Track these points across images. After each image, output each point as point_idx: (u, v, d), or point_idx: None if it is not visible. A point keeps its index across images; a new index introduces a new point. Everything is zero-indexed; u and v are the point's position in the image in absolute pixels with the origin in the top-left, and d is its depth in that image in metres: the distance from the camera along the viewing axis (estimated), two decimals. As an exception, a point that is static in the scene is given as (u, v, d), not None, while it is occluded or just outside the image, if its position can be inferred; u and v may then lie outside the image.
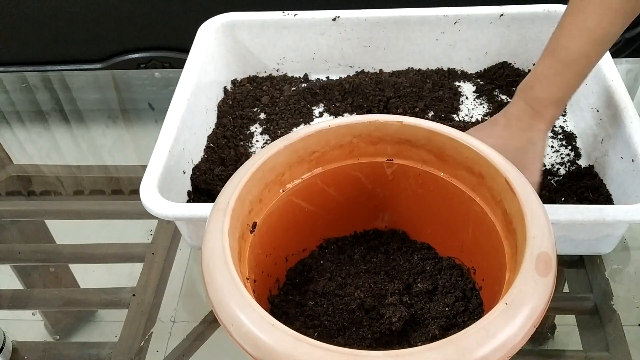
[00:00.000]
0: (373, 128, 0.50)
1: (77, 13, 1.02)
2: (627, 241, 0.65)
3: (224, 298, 0.39)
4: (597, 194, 0.64)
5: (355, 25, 0.80)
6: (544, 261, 0.39)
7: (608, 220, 0.54)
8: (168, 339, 0.59)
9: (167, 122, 0.65)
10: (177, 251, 0.67)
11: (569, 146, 0.71)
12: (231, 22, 0.80)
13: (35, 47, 1.07)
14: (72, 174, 0.80)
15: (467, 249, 0.53)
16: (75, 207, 0.76)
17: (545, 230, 0.41)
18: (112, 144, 0.84)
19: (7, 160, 0.82)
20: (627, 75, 0.86)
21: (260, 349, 0.36)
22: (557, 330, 0.59)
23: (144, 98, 0.90)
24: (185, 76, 0.71)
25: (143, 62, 1.09)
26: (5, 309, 0.63)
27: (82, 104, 0.90)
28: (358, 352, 0.35)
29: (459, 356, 0.35)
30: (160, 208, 0.56)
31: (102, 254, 0.69)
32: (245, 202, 0.46)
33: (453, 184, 0.51)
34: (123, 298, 0.62)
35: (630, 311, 0.59)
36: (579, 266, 0.63)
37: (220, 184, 0.66)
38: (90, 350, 0.59)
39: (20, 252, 0.69)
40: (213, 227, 0.43)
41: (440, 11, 0.78)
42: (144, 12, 1.02)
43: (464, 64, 0.83)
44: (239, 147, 0.73)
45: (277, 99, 0.80)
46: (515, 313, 0.37)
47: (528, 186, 0.44)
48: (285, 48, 0.82)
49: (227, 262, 0.40)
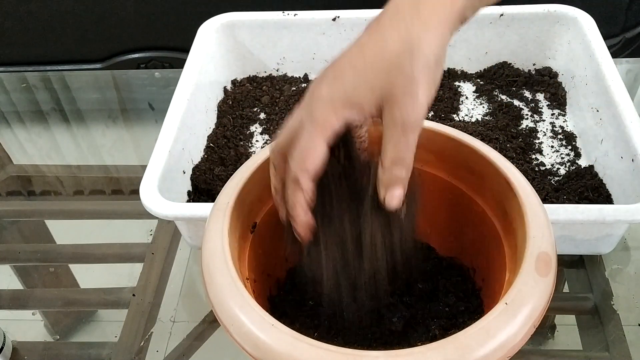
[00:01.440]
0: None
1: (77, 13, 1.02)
2: (627, 241, 0.65)
3: (224, 298, 0.39)
4: (597, 194, 0.64)
5: (355, 25, 0.79)
6: (544, 261, 0.39)
7: (608, 220, 0.54)
8: (168, 339, 0.59)
9: (167, 122, 0.65)
10: (177, 251, 0.67)
11: (569, 146, 0.71)
12: (231, 22, 0.80)
13: (35, 47, 1.07)
14: (72, 174, 0.80)
15: (467, 249, 0.53)
16: (75, 207, 0.76)
17: (545, 230, 0.41)
18: (112, 144, 0.84)
19: (7, 160, 0.82)
20: (627, 75, 0.86)
21: (260, 349, 0.36)
22: (557, 330, 0.59)
23: (144, 98, 0.90)
24: (185, 76, 0.71)
25: (143, 62, 1.09)
26: (5, 309, 0.63)
27: (82, 104, 0.90)
28: (358, 352, 0.35)
29: (459, 356, 0.35)
30: (160, 208, 0.56)
31: (102, 254, 0.69)
32: (245, 202, 0.46)
33: (453, 184, 0.50)
34: (123, 298, 0.62)
35: (630, 311, 0.59)
36: (579, 266, 0.63)
37: (220, 184, 0.66)
38: (90, 350, 0.59)
39: (20, 252, 0.69)
40: (213, 227, 0.43)
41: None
42: (144, 12, 1.02)
43: (464, 64, 0.83)
44: (239, 147, 0.73)
45: (277, 99, 0.80)
46: (515, 313, 0.37)
47: (528, 186, 0.44)
48: (285, 48, 0.82)
49: (227, 262, 0.40)
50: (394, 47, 0.35)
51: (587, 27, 0.74)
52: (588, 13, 0.76)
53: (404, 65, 0.35)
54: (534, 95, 0.79)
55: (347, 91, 0.36)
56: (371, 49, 0.36)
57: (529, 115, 0.76)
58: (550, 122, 0.75)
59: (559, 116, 0.76)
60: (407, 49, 0.35)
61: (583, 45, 0.74)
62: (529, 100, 0.78)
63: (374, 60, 0.36)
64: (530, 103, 0.78)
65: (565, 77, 0.79)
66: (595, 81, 0.70)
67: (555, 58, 0.80)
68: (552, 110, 0.77)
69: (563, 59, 0.79)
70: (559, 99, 0.77)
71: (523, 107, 0.77)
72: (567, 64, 0.79)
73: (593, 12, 0.76)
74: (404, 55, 0.35)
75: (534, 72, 0.82)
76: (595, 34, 0.73)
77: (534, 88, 0.80)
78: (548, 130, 0.74)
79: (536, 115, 0.76)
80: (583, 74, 0.73)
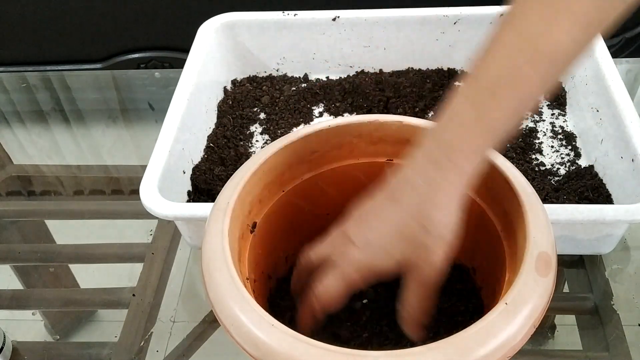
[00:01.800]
0: (373, 128, 0.50)
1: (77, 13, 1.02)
2: (627, 241, 0.65)
3: (224, 298, 0.39)
4: (597, 194, 0.64)
5: (355, 25, 0.79)
6: (544, 261, 0.39)
7: (608, 220, 0.54)
8: (168, 339, 0.59)
9: (167, 122, 0.65)
10: (177, 251, 0.67)
11: (569, 146, 0.71)
12: (231, 22, 0.80)
13: (35, 47, 1.07)
14: (72, 174, 0.80)
15: (467, 249, 0.53)
16: (75, 207, 0.76)
17: (545, 230, 0.41)
18: (112, 144, 0.84)
19: (7, 160, 0.82)
20: (627, 75, 0.86)
21: (260, 349, 0.36)
22: (557, 330, 0.59)
23: (144, 98, 0.90)
24: (185, 76, 0.71)
25: (143, 62, 1.09)
26: (5, 309, 0.63)
27: (82, 104, 0.90)
28: (358, 352, 0.35)
29: (459, 356, 0.35)
30: (160, 208, 0.56)
31: (102, 254, 0.69)
32: (245, 202, 0.46)
33: (453, 184, 0.50)
34: (123, 298, 0.62)
35: (630, 311, 0.59)
36: (579, 266, 0.63)
37: (220, 184, 0.66)
38: (90, 350, 0.59)
39: (20, 252, 0.69)
40: (213, 227, 0.43)
41: (440, 11, 0.78)
42: (144, 12, 1.02)
43: (464, 64, 0.83)
44: (239, 147, 0.73)
45: (277, 99, 0.80)
46: (515, 313, 0.37)
47: (528, 186, 0.44)
48: (285, 48, 0.82)
49: (227, 262, 0.40)
50: (411, 225, 0.40)
51: (587, 27, 0.74)
52: (588, 13, 0.76)
53: (422, 241, 0.40)
54: (534, 95, 0.79)
55: (374, 260, 0.41)
56: (391, 220, 0.41)
57: (528, 115, 0.76)
58: (550, 122, 0.75)
59: (559, 116, 0.76)
60: (422, 229, 0.40)
61: (583, 45, 0.74)
62: (529, 100, 0.78)
63: (394, 232, 0.40)
64: (530, 103, 0.78)
65: (565, 77, 0.79)
66: (595, 81, 0.70)
67: (555, 58, 0.80)
68: (552, 110, 0.77)
69: (563, 59, 0.79)
70: (558, 99, 0.77)
71: (523, 107, 0.77)
72: (567, 64, 0.79)
73: (593, 12, 0.76)
74: (421, 233, 0.40)
75: (534, 72, 0.82)
76: (595, 34, 0.73)
77: (534, 88, 0.80)
78: (548, 130, 0.74)
79: (536, 115, 0.76)
80: (583, 74, 0.73)
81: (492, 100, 0.38)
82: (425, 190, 0.39)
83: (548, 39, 0.36)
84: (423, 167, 0.39)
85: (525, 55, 0.36)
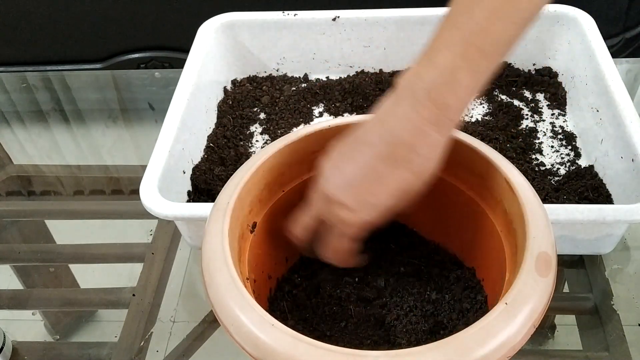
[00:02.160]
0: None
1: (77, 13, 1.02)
2: (627, 241, 0.65)
3: (224, 298, 0.39)
4: (597, 194, 0.64)
5: (355, 25, 0.80)
6: (544, 261, 0.39)
7: (608, 220, 0.54)
8: (168, 339, 0.59)
9: (167, 122, 0.65)
10: (177, 251, 0.67)
11: (569, 146, 0.71)
12: (231, 22, 0.80)
13: (35, 47, 1.07)
14: (72, 174, 0.80)
15: (467, 249, 0.53)
16: (75, 207, 0.76)
17: (545, 230, 0.41)
18: (112, 144, 0.84)
19: (7, 160, 0.82)
20: (627, 75, 0.86)
21: (260, 349, 0.36)
22: (557, 330, 0.59)
23: (144, 98, 0.90)
24: (185, 76, 0.71)
25: (143, 62, 1.09)
26: (5, 309, 0.63)
27: (82, 104, 0.90)
28: (358, 352, 0.35)
29: (459, 356, 0.35)
30: (160, 208, 0.56)
31: (102, 254, 0.69)
32: (245, 202, 0.46)
33: (453, 184, 0.50)
34: (123, 298, 0.62)
35: (630, 311, 0.59)
36: (579, 266, 0.63)
37: (220, 184, 0.66)
38: (90, 350, 0.59)
39: (20, 252, 0.69)
40: (213, 227, 0.43)
41: (440, 11, 0.78)
42: (144, 12, 1.02)
43: (464, 64, 0.82)
44: (239, 147, 0.73)
45: (277, 99, 0.80)
46: (515, 313, 0.37)
47: (528, 186, 0.44)
48: (285, 48, 0.82)
49: (227, 262, 0.40)
50: (397, 146, 0.42)
51: (587, 27, 0.74)
52: (588, 13, 0.76)
53: (409, 157, 0.42)
54: (534, 95, 0.79)
55: (363, 217, 0.44)
56: (368, 153, 0.43)
57: (529, 115, 0.76)
58: (550, 122, 0.75)
59: (559, 116, 0.76)
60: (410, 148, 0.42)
61: (583, 45, 0.74)
62: (529, 100, 0.78)
63: (375, 164, 0.43)
64: (530, 103, 0.78)
65: (565, 77, 0.79)
66: (595, 81, 0.70)
67: (555, 58, 0.80)
68: (552, 110, 0.77)
69: (563, 59, 0.79)
70: (559, 99, 0.77)
71: (523, 107, 0.77)
72: (567, 64, 0.79)
73: (593, 12, 0.76)
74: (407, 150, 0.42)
75: (534, 72, 0.82)
76: (595, 34, 0.73)
77: (534, 88, 0.80)
78: (548, 130, 0.74)
79: (536, 115, 0.76)
80: (583, 74, 0.73)
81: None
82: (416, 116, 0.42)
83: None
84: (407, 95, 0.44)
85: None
